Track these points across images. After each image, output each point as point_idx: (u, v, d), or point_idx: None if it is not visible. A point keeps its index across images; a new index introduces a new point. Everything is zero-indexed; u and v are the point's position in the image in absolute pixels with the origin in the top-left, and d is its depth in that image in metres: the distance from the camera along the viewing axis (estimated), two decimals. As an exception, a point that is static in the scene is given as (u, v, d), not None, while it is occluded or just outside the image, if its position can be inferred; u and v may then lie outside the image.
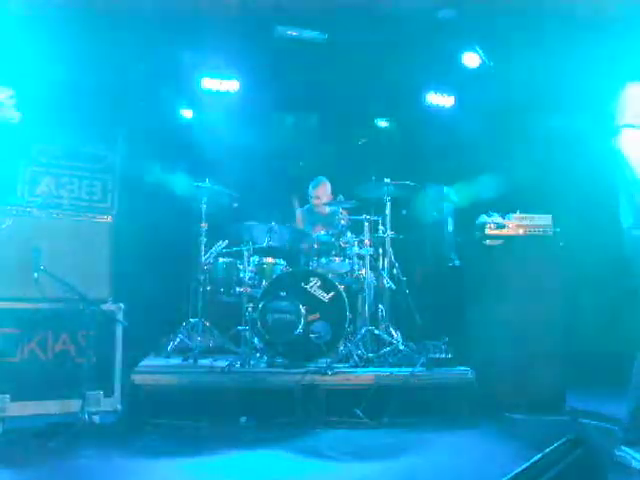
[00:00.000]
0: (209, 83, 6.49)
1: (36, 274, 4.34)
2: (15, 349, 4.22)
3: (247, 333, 5.32)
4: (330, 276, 5.36)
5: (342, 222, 5.73)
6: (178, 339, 5.63)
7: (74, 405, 4.18)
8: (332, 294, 5.22)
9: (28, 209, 4.55)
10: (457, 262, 6.41)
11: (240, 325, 5.47)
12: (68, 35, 5.54)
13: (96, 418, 4.23)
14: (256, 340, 5.25)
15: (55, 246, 4.47)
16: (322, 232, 5.72)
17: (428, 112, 6.89)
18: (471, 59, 6.41)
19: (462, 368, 5.04)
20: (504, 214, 5.39)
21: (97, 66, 5.81)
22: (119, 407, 4.35)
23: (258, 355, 5.25)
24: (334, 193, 6.35)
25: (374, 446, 4.09)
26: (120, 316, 4.54)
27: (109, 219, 4.79)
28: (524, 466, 2.35)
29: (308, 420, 4.49)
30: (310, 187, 6.46)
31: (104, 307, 4.49)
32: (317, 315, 5.15)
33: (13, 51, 5.21)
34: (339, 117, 6.54)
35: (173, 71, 6.21)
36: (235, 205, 5.89)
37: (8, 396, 4.09)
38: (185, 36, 5.93)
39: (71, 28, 5.47)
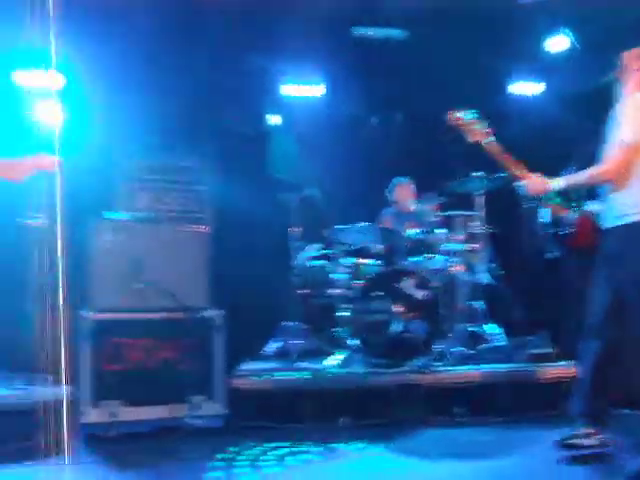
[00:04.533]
0: (293, 89, 6.58)
1: (139, 285, 4.53)
2: (124, 357, 4.42)
3: (343, 334, 5.37)
4: (423, 274, 5.32)
5: (433, 219, 5.68)
6: (275, 343, 5.74)
7: (179, 410, 4.35)
8: (426, 292, 5.17)
9: (128, 223, 4.75)
10: (555, 254, 6.21)
11: (335, 327, 5.52)
12: (157, 46, 5.72)
13: (200, 422, 4.37)
14: (352, 341, 5.27)
15: (155, 257, 4.64)
16: (413, 230, 5.68)
17: (514, 101, 6.71)
18: (557, 44, 6.21)
19: (564, 363, 4.89)
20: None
21: (185, 78, 5.97)
22: (221, 411, 4.47)
23: (354, 356, 5.28)
24: (424, 190, 6.28)
25: (474, 445, 4.03)
26: (219, 322, 4.66)
27: (205, 228, 4.92)
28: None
29: (407, 420, 4.48)
30: (388, 192, 6.41)
31: (204, 314, 4.63)
32: (412, 314, 5.13)
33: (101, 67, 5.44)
34: (423, 113, 6.48)
35: (258, 80, 6.33)
36: (326, 208, 5.94)
37: (120, 402, 4.29)
38: (268, 45, 6.03)
39: (160, 38, 5.64)
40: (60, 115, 4.91)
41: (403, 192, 6.35)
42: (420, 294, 5.17)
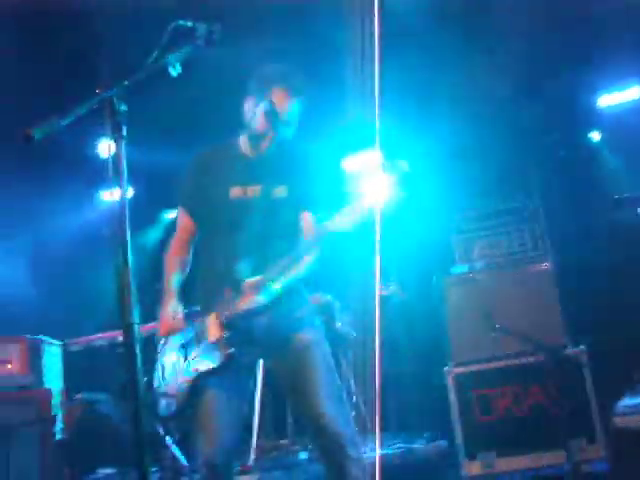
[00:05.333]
0: (609, 99, 6.14)
1: (493, 334, 4.55)
2: (491, 408, 4.44)
3: None
4: None
5: None
6: (654, 372, 5.23)
7: (558, 456, 4.18)
8: None
9: (470, 275, 4.84)
10: None
11: None
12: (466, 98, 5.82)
13: (584, 467, 4.14)
14: None
15: (503, 303, 4.65)
16: None
17: None
18: None
19: None
20: None
21: (499, 113, 5.92)
22: (604, 454, 4.19)
23: None
24: None
25: None
26: (584, 359, 4.44)
27: (547, 266, 4.79)
28: None
29: None
30: None
31: (565, 353, 4.46)
32: None
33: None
34: None
35: (570, 99, 6.05)
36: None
37: (495, 453, 4.30)
38: (576, 61, 5.77)
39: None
40: (384, 188, 5.29)
41: None
42: None
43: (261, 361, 3.76)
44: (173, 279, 3.01)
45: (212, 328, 2.78)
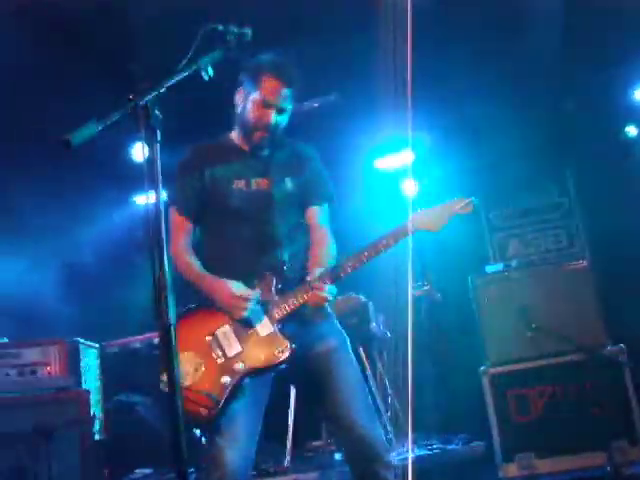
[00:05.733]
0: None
1: (529, 333, 4.49)
2: (529, 408, 4.37)
3: None
4: None
5: None
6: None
7: (598, 458, 4.10)
8: None
9: (505, 273, 4.78)
10: None
11: None
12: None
13: (625, 469, 4.06)
14: None
15: (539, 301, 4.58)
16: None
17: None
18: None
19: None
20: None
21: (531, 113, 5.86)
22: (646, 455, 4.11)
23: None
24: None
25: None
26: (624, 358, 4.36)
27: (584, 263, 4.71)
28: None
29: None
30: None
31: (604, 351, 4.38)
32: None
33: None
34: None
35: (605, 94, 5.95)
36: None
37: (534, 454, 4.23)
38: (611, 56, 5.68)
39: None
40: (415, 186, 5.35)
41: None
42: None
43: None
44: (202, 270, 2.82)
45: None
